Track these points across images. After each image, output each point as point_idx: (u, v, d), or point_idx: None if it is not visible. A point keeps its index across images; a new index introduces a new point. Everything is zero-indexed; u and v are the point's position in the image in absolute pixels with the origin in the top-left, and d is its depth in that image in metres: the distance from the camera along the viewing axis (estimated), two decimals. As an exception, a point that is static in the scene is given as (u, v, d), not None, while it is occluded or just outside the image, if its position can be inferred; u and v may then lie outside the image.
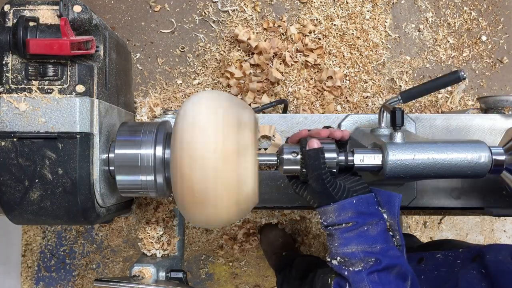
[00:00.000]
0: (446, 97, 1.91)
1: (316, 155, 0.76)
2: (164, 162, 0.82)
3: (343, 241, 0.76)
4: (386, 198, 0.80)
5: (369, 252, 0.74)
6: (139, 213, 1.01)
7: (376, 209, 0.78)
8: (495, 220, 2.04)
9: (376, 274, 0.73)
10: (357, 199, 0.76)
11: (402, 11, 1.93)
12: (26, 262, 1.98)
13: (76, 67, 0.76)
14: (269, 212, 1.93)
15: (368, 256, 0.74)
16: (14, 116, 0.75)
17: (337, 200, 0.76)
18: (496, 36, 1.96)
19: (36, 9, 0.77)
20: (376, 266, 0.73)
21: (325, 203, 0.78)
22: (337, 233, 0.77)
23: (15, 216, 0.78)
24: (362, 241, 0.75)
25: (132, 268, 0.90)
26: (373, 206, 0.78)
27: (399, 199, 0.78)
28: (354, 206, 0.76)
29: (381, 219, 0.78)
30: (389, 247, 0.76)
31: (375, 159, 0.81)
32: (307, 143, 0.78)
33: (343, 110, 1.85)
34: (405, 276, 0.75)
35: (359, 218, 0.76)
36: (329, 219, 0.78)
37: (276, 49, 1.81)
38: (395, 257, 0.75)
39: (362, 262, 0.74)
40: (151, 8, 1.88)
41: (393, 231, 0.79)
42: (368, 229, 0.76)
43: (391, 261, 0.74)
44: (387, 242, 0.76)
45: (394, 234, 0.79)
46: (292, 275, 1.50)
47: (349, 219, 0.76)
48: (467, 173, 0.81)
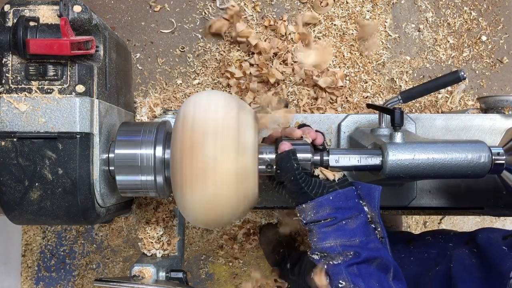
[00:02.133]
0: (446, 97, 1.91)
1: (287, 157, 0.76)
2: (164, 162, 0.82)
3: (321, 236, 0.76)
4: (366, 190, 0.79)
5: (347, 246, 0.74)
6: (139, 213, 1.01)
7: (355, 202, 0.78)
8: (495, 220, 2.04)
9: (355, 266, 0.73)
10: (334, 194, 0.76)
11: (402, 11, 1.93)
12: (26, 262, 1.98)
13: (76, 67, 0.76)
14: (269, 212, 1.93)
15: (347, 249, 0.74)
16: (14, 116, 0.75)
17: (314, 197, 0.76)
18: (496, 36, 1.96)
19: (36, 9, 0.77)
20: (355, 259, 0.73)
21: (302, 202, 0.78)
22: (316, 228, 0.77)
23: (15, 216, 0.78)
24: (340, 235, 0.75)
25: (132, 268, 0.90)
26: (352, 200, 0.78)
27: (378, 191, 0.78)
28: (331, 202, 0.76)
29: (361, 212, 0.77)
30: (369, 240, 0.76)
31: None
32: (279, 146, 0.78)
33: (343, 110, 1.85)
34: (387, 268, 0.75)
35: (337, 213, 0.75)
36: (308, 217, 0.78)
37: (276, 49, 1.81)
38: (375, 250, 0.75)
39: (341, 255, 0.74)
40: (151, 8, 1.89)
41: (374, 223, 0.79)
42: (347, 223, 0.76)
43: (371, 253, 0.74)
44: (367, 235, 0.76)
45: (376, 227, 0.79)
46: (285, 268, 1.51)
47: (327, 215, 0.76)
48: (467, 173, 0.81)
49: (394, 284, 0.75)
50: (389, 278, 0.75)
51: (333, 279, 0.73)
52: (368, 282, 0.72)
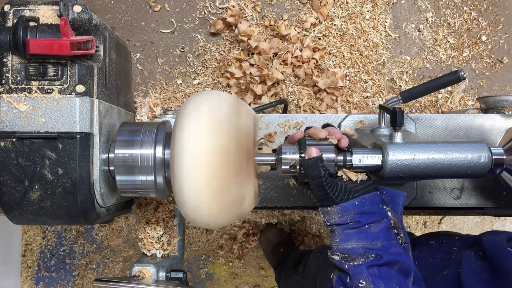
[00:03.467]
0: (446, 97, 1.91)
1: (315, 165, 0.76)
2: (164, 162, 0.82)
3: (344, 237, 0.77)
4: (390, 196, 0.80)
5: (369, 248, 0.75)
6: (139, 213, 1.01)
7: (380, 207, 0.79)
8: (495, 220, 2.04)
9: (376, 268, 0.74)
10: (360, 199, 0.77)
11: (402, 11, 1.93)
12: (26, 262, 1.97)
13: (76, 67, 0.76)
14: (269, 212, 1.93)
15: (368, 251, 0.74)
16: (14, 116, 0.75)
17: (339, 202, 0.77)
18: (496, 36, 1.96)
19: (36, 9, 0.77)
20: (376, 261, 0.74)
21: (327, 205, 0.78)
22: (339, 230, 0.78)
23: (15, 216, 0.78)
24: (363, 237, 0.76)
25: (132, 268, 0.90)
26: (377, 205, 0.78)
27: (403, 197, 0.79)
28: (357, 207, 0.76)
29: (385, 217, 0.78)
30: (391, 244, 0.76)
31: (374, 159, 0.81)
32: (306, 152, 0.78)
33: (343, 110, 1.85)
34: (408, 272, 0.75)
35: (361, 217, 0.76)
36: (332, 219, 0.78)
37: (276, 49, 1.81)
38: (397, 254, 0.75)
39: (362, 257, 0.75)
40: (151, 8, 1.88)
41: (397, 229, 0.80)
42: (369, 227, 0.76)
43: (392, 257, 0.74)
44: (389, 240, 0.77)
45: (399, 232, 0.80)
46: (287, 267, 1.50)
47: (351, 219, 0.76)
48: (467, 173, 0.81)
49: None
50: (409, 283, 0.75)
51: (353, 279, 0.74)
52: (388, 285, 0.72)
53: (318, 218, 1.96)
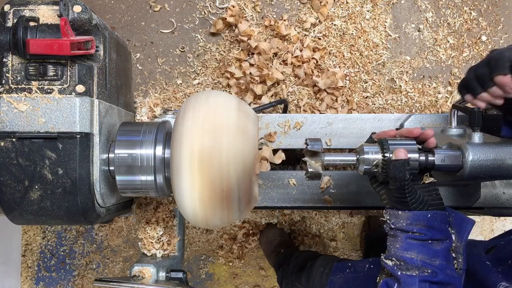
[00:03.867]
0: (446, 97, 1.91)
1: (401, 167, 0.75)
2: (164, 162, 0.82)
3: (405, 245, 0.76)
4: (459, 220, 0.80)
5: (427, 263, 0.74)
6: (139, 213, 1.01)
7: (446, 228, 0.78)
8: (495, 220, 2.04)
9: (428, 284, 0.73)
10: (433, 213, 0.76)
11: (402, 11, 1.93)
12: (26, 262, 1.97)
13: (76, 67, 0.76)
14: (269, 212, 1.93)
15: (426, 266, 0.74)
16: (14, 116, 0.75)
17: (412, 209, 0.76)
18: (496, 36, 1.96)
19: (36, 9, 0.77)
20: (431, 277, 0.73)
21: (399, 208, 0.78)
22: (402, 236, 0.77)
23: (15, 216, 0.78)
24: (424, 251, 0.75)
25: (132, 268, 0.90)
26: (445, 224, 0.78)
27: (471, 225, 0.79)
28: (428, 220, 0.76)
29: (448, 238, 0.78)
30: (448, 266, 0.76)
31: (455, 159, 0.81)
32: (394, 152, 0.77)
33: (343, 110, 1.85)
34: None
35: (428, 231, 0.76)
36: (398, 224, 0.78)
37: (276, 49, 1.81)
38: (451, 276, 0.75)
39: (418, 270, 0.74)
40: (151, 8, 1.88)
41: (456, 253, 0.79)
42: (432, 243, 0.76)
43: (446, 278, 0.74)
44: (448, 261, 0.76)
45: (457, 257, 0.79)
46: (289, 270, 1.50)
47: (418, 229, 0.76)
48: None
49: None
50: None
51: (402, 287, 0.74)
52: None
53: (318, 218, 1.96)
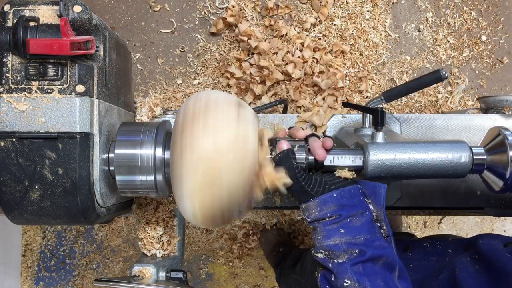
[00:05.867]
0: (446, 97, 1.91)
1: (286, 156, 0.76)
2: (164, 162, 0.82)
3: (326, 234, 0.76)
4: (371, 188, 0.79)
5: (352, 244, 0.74)
6: (139, 213, 1.01)
7: (360, 200, 0.78)
8: (495, 220, 2.04)
9: (360, 265, 0.73)
10: (339, 192, 0.76)
11: (402, 11, 1.93)
12: (26, 262, 1.98)
13: (76, 67, 0.76)
14: (269, 212, 1.93)
15: (352, 247, 0.73)
16: (14, 116, 0.75)
17: (316, 196, 0.76)
18: (496, 36, 1.96)
19: (36, 9, 0.77)
20: (360, 257, 0.73)
21: (305, 200, 0.78)
22: (320, 226, 0.77)
23: (15, 216, 0.78)
24: (345, 232, 0.75)
25: (132, 268, 0.90)
26: (357, 197, 0.77)
27: (384, 189, 0.78)
28: (336, 199, 0.76)
29: (366, 210, 0.77)
30: (374, 238, 0.75)
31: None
32: (277, 146, 0.78)
33: (342, 110, 1.85)
34: (392, 266, 0.75)
35: (341, 210, 0.75)
36: (312, 215, 0.77)
37: (276, 49, 1.81)
38: (380, 248, 0.74)
39: (346, 253, 0.73)
40: (151, 8, 1.88)
41: (379, 221, 0.79)
42: (351, 221, 0.75)
43: (376, 251, 0.73)
44: (372, 233, 0.76)
45: (381, 225, 0.79)
46: (286, 266, 1.50)
47: (331, 212, 0.75)
48: (448, 173, 0.81)
49: (400, 283, 0.74)
50: (395, 277, 0.75)
51: (338, 278, 0.73)
52: (374, 281, 0.71)
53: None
